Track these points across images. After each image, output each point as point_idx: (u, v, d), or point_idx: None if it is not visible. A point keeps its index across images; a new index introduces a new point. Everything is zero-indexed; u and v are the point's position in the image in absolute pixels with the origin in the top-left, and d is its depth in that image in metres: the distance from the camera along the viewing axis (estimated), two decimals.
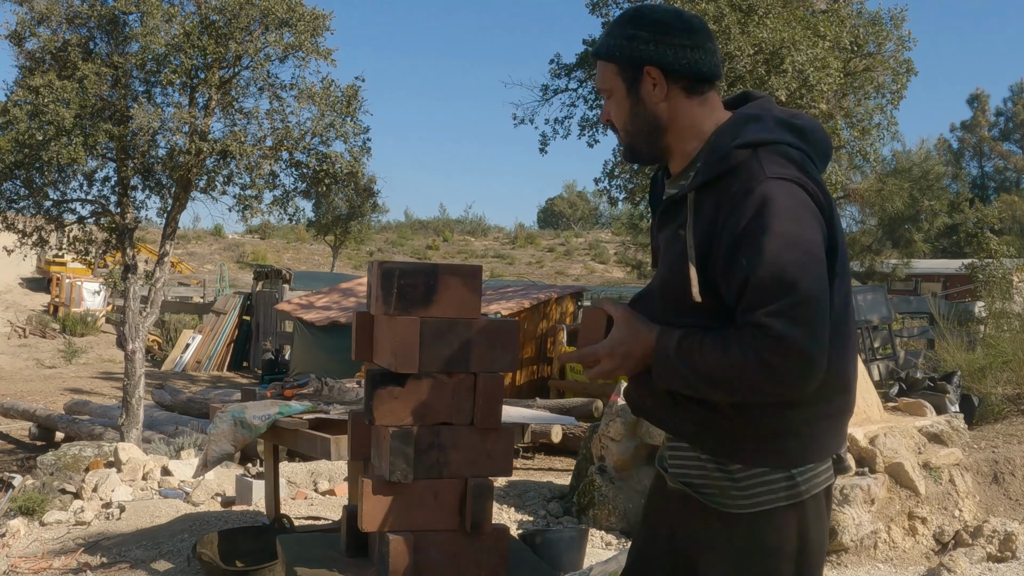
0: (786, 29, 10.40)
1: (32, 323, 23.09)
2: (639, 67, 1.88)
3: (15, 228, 10.30)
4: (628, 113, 1.92)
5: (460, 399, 2.17)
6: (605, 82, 1.95)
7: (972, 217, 29.63)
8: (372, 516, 2.15)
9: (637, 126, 1.93)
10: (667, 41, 1.87)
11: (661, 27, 1.88)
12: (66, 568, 4.70)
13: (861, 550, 4.87)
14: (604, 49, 1.93)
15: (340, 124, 10.13)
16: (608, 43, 1.92)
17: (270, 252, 39.33)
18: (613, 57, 1.91)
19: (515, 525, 5.70)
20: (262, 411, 4.17)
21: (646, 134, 1.93)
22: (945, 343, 10.09)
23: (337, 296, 15.00)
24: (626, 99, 1.92)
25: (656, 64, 1.87)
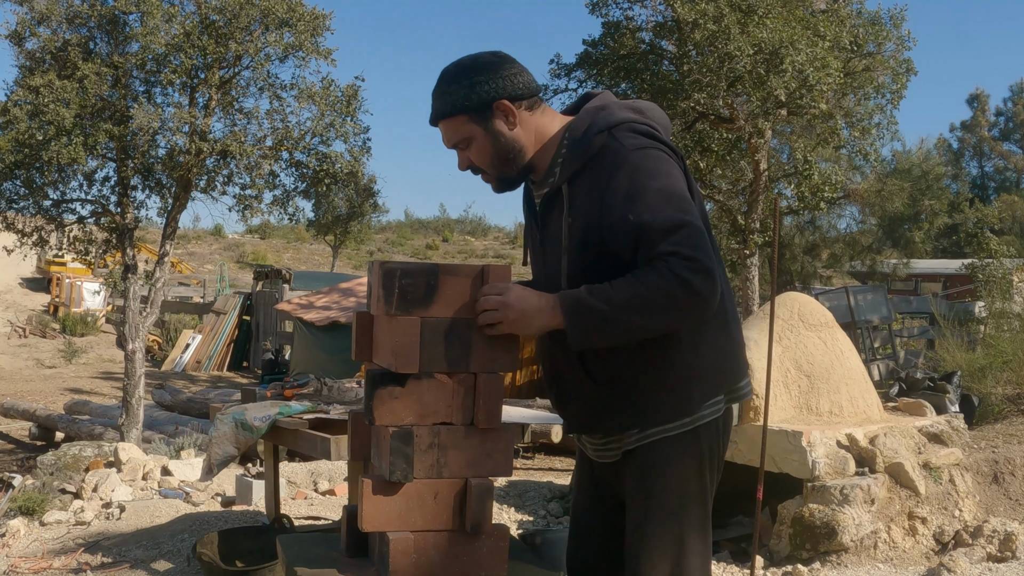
0: (786, 29, 10.39)
1: (32, 323, 23.09)
2: (490, 105, 2.09)
3: (15, 228, 10.30)
4: (492, 150, 2.13)
5: (460, 399, 2.17)
6: (458, 134, 2.14)
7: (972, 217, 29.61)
8: (372, 516, 2.15)
9: (503, 157, 2.14)
10: (501, 75, 2.11)
11: (490, 67, 2.11)
12: (66, 568, 4.71)
13: (861, 550, 4.87)
14: (449, 106, 2.11)
15: (340, 124, 10.13)
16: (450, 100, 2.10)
17: (270, 252, 39.33)
18: (464, 108, 2.10)
19: (515, 525, 5.70)
20: (262, 412, 4.17)
21: (512, 161, 2.14)
22: (945, 343, 10.09)
23: (337, 296, 15.00)
24: (486, 138, 2.12)
25: (504, 96, 2.10)
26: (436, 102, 2.15)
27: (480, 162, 2.16)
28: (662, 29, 11.89)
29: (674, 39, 11.62)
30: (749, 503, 4.59)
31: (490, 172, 2.17)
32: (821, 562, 4.81)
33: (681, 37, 11.20)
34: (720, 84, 10.74)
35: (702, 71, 10.79)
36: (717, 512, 2.24)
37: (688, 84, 10.99)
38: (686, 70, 11.16)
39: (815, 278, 23.64)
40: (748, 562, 4.74)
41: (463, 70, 2.12)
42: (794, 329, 5.67)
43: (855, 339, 11.72)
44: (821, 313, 5.87)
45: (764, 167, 12.15)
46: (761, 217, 12.33)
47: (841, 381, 5.59)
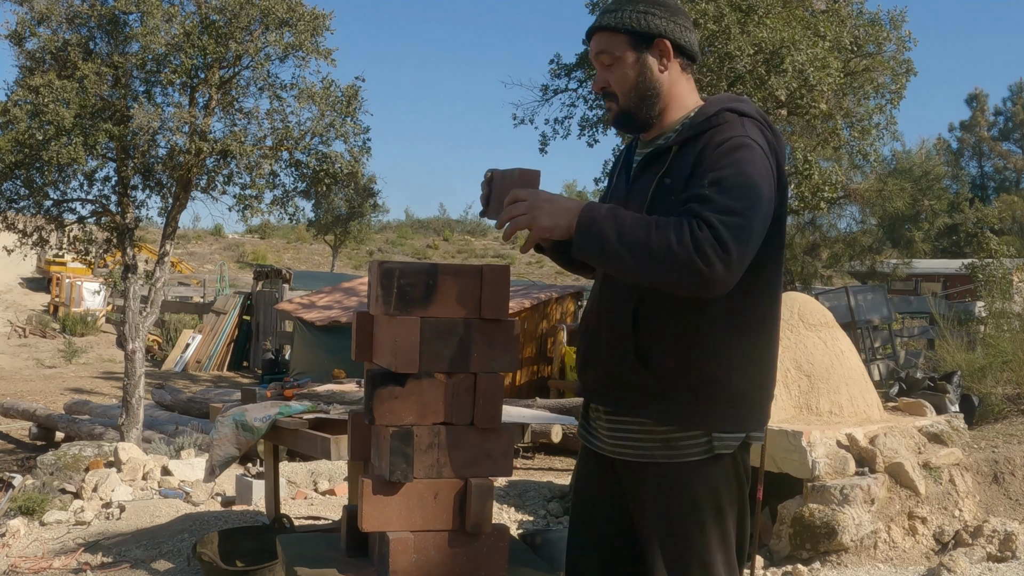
0: (786, 29, 10.39)
1: (32, 323, 23.08)
2: (652, 38, 2.12)
3: (15, 228, 10.29)
4: (634, 79, 2.14)
5: (460, 399, 2.17)
6: (611, 50, 2.14)
7: (972, 217, 29.62)
8: (372, 516, 2.15)
9: (640, 92, 2.14)
10: (676, 20, 2.14)
11: (671, 8, 2.15)
12: (66, 568, 4.70)
13: (861, 550, 4.86)
14: (615, 21, 2.13)
15: (340, 124, 10.13)
16: (619, 16, 2.13)
17: (270, 252, 39.32)
18: (628, 27, 2.12)
19: (515, 525, 5.70)
20: (262, 412, 4.18)
21: (646, 100, 2.14)
22: (945, 343, 10.08)
23: (339, 295, 15.00)
24: (634, 66, 2.13)
25: (668, 37, 2.12)
26: (604, 15, 2.16)
27: (617, 86, 2.16)
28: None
29: None
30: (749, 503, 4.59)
31: (620, 101, 2.16)
32: (821, 562, 4.81)
33: None
34: (720, 84, 10.74)
35: (702, 71, 10.79)
36: None
37: None
38: None
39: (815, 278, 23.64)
40: (748, 562, 4.74)
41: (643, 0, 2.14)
42: (794, 329, 5.67)
43: (855, 339, 11.72)
44: (821, 313, 5.87)
45: None
46: None
47: (841, 381, 5.59)
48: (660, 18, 2.12)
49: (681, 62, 2.16)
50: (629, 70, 2.13)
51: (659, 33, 2.11)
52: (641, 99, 2.14)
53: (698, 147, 2.03)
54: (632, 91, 2.14)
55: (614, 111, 2.18)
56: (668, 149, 2.09)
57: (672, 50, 2.13)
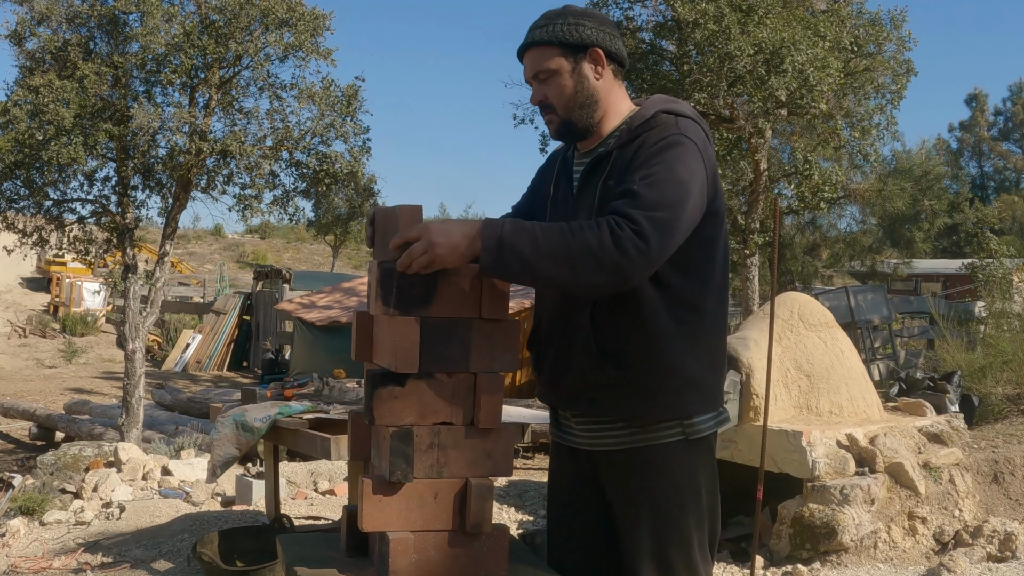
0: (786, 29, 10.39)
1: (32, 323, 23.09)
2: (585, 48, 2.17)
3: (15, 228, 10.30)
4: (572, 90, 2.19)
5: (460, 399, 2.17)
6: (544, 65, 2.18)
7: (972, 217, 29.63)
8: (372, 516, 2.15)
9: (578, 101, 2.19)
10: (604, 29, 2.20)
11: (598, 19, 2.22)
12: (66, 568, 4.70)
13: (861, 550, 4.86)
14: (547, 35, 2.18)
15: (340, 124, 10.13)
16: (551, 30, 2.18)
17: (270, 252, 39.32)
18: (560, 40, 2.17)
19: (515, 525, 5.70)
20: (263, 413, 4.18)
21: (585, 108, 2.20)
22: (945, 343, 10.08)
23: (339, 295, 15.00)
24: (571, 76, 2.18)
25: (600, 46, 2.18)
26: (534, 31, 2.21)
27: (555, 99, 2.20)
28: (662, 29, 11.89)
29: (674, 39, 11.63)
30: (749, 503, 4.59)
31: (560, 112, 2.21)
32: (821, 562, 4.81)
33: (681, 37, 11.20)
34: (720, 84, 10.74)
35: (702, 71, 10.79)
36: None
37: (688, 84, 10.99)
38: (686, 70, 11.16)
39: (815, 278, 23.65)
40: (748, 562, 4.74)
41: (571, 11, 2.21)
42: (794, 329, 5.67)
43: (855, 339, 11.72)
44: (821, 313, 5.87)
45: (764, 167, 12.15)
46: (761, 217, 12.34)
47: (841, 381, 5.59)
48: (590, 28, 2.18)
49: (614, 68, 2.22)
50: (566, 81, 2.18)
51: (592, 43, 2.17)
52: (580, 108, 2.19)
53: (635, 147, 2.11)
54: (571, 101, 2.19)
55: (555, 123, 2.22)
56: (608, 154, 2.17)
57: (605, 58, 2.18)
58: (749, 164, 12.54)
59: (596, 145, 2.24)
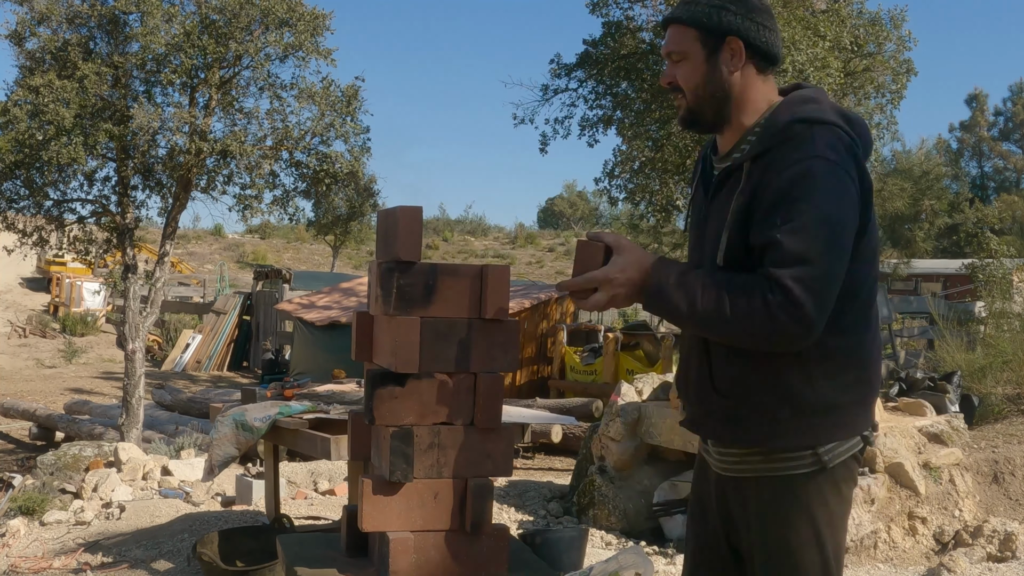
0: (786, 29, 10.39)
1: (32, 323, 23.08)
2: (723, 35, 2.00)
3: (15, 228, 10.30)
4: (703, 78, 2.03)
5: (460, 399, 2.17)
6: (680, 45, 2.04)
7: (972, 217, 29.63)
8: (372, 516, 2.15)
9: (708, 91, 2.03)
10: (752, 18, 2.01)
11: (748, 5, 2.02)
12: (66, 568, 4.70)
13: (861, 550, 4.86)
14: (687, 14, 2.03)
15: (340, 124, 10.13)
16: (692, 9, 2.03)
17: (270, 252, 39.31)
18: (698, 22, 2.01)
19: (515, 525, 5.70)
20: (262, 413, 4.18)
21: (715, 101, 2.03)
22: (945, 343, 10.08)
23: (338, 296, 15.00)
24: (703, 64, 2.02)
25: (740, 36, 2.00)
26: (678, 7, 2.07)
27: (684, 84, 2.05)
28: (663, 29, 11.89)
29: None
30: None
31: (687, 99, 2.06)
32: None
33: None
34: None
35: None
36: None
37: None
38: None
39: None
40: None
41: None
42: None
43: None
44: None
45: None
46: None
47: None
48: (735, 14, 2.00)
49: (757, 63, 2.03)
50: (697, 68, 2.03)
51: (731, 31, 2.00)
52: (709, 99, 2.04)
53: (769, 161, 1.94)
54: (699, 90, 2.04)
55: (682, 108, 2.09)
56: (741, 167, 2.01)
57: (744, 50, 2.01)
58: None
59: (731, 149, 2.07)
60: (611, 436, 6.00)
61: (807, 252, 1.82)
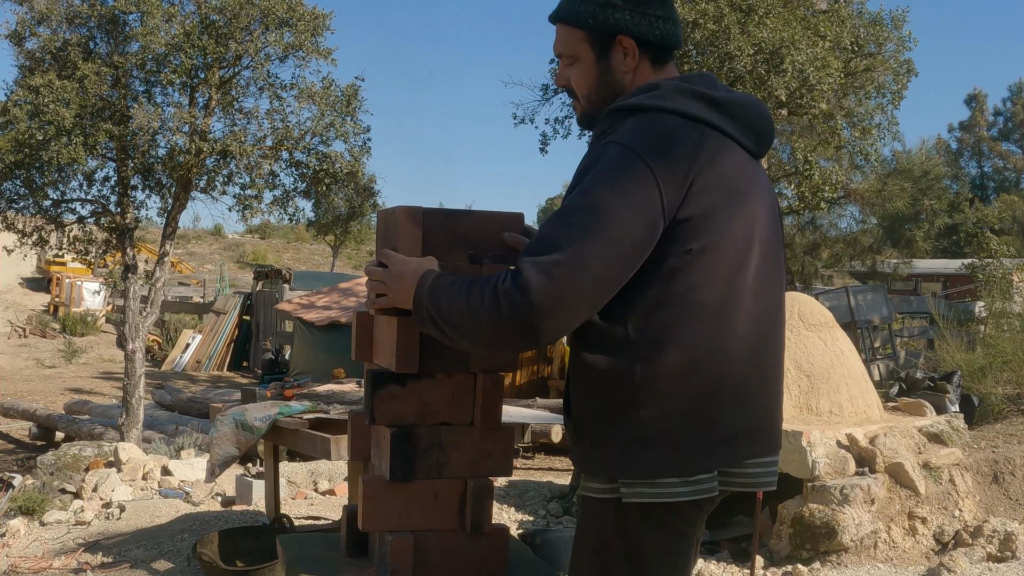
0: (786, 29, 10.40)
1: (32, 323, 23.09)
2: (612, 36, 1.83)
3: (15, 228, 10.30)
4: (595, 81, 1.87)
5: (460, 399, 2.17)
6: (568, 47, 1.87)
7: (972, 217, 29.63)
8: (372, 516, 2.15)
9: (601, 95, 1.87)
10: (642, 10, 1.82)
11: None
12: (66, 568, 4.70)
13: (861, 550, 4.86)
14: (571, 14, 1.85)
15: (340, 124, 10.14)
16: (576, 8, 1.84)
17: (270, 252, 39.32)
18: (583, 23, 1.83)
19: (515, 525, 5.70)
20: (262, 412, 4.18)
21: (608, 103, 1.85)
22: (945, 343, 10.08)
23: (337, 296, 14.99)
24: (594, 67, 1.86)
25: (630, 34, 1.82)
26: (564, 2, 1.89)
27: (577, 87, 1.89)
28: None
29: None
30: (749, 503, 4.60)
31: (581, 102, 1.91)
32: (821, 562, 4.81)
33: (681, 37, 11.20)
34: None
35: (702, 71, 10.79)
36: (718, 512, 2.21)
37: None
38: (686, 70, 11.16)
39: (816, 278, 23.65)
40: (748, 562, 4.74)
41: None
42: (794, 329, 5.67)
43: (855, 339, 11.72)
44: (821, 313, 5.87)
45: (764, 167, 12.14)
46: None
47: (841, 381, 5.59)
48: (622, 10, 1.81)
49: (652, 56, 1.85)
50: (588, 71, 1.87)
51: (620, 30, 1.81)
52: (602, 101, 1.87)
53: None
54: (592, 94, 1.88)
55: (577, 110, 1.93)
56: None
57: (637, 47, 1.83)
58: None
59: None
60: None
61: (556, 237, 1.64)
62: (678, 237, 1.68)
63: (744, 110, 1.81)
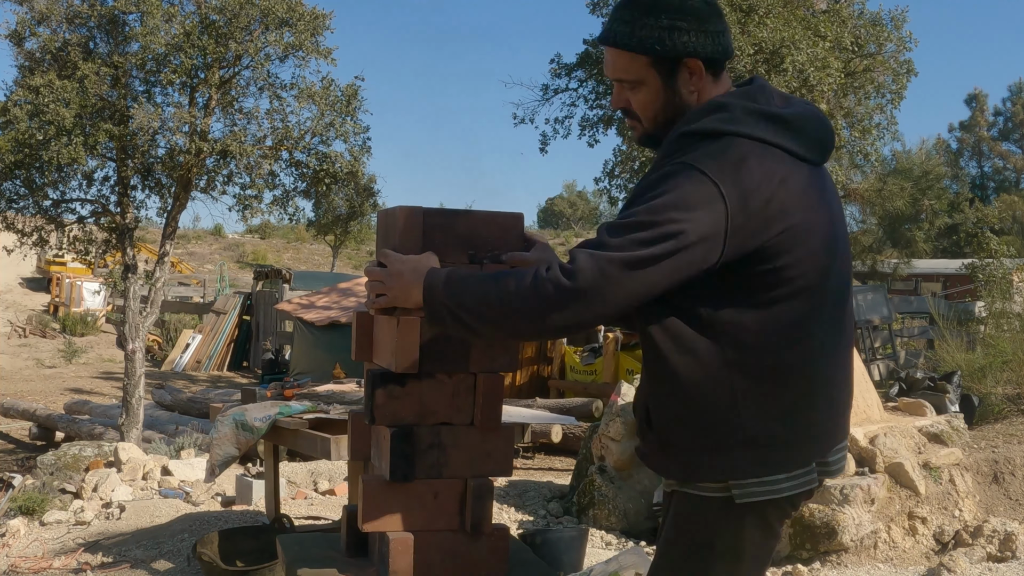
0: (786, 29, 10.40)
1: (32, 323, 23.09)
2: (681, 59, 1.81)
3: (15, 228, 10.30)
4: (661, 103, 1.86)
5: (460, 399, 2.17)
6: (631, 73, 1.85)
7: (972, 217, 29.62)
8: (372, 516, 2.14)
9: (667, 116, 1.86)
10: (706, 29, 1.80)
11: (697, 15, 1.80)
12: (66, 568, 4.70)
13: (861, 550, 4.86)
14: (634, 40, 1.81)
15: (340, 123, 10.14)
16: (638, 34, 1.81)
17: (270, 252, 39.31)
18: (651, 50, 1.80)
19: (515, 525, 5.70)
20: (263, 412, 4.18)
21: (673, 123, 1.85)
22: (945, 343, 10.08)
23: (338, 296, 14.99)
24: (661, 91, 1.84)
25: (698, 56, 1.80)
26: (619, 25, 1.83)
27: (640, 110, 1.87)
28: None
29: None
30: None
31: (645, 124, 1.90)
32: (821, 562, 4.81)
33: None
34: None
35: None
36: None
37: None
38: None
39: None
40: None
41: (665, 7, 1.79)
42: None
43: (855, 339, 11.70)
44: None
45: None
46: None
47: None
48: (687, 32, 1.78)
49: (713, 70, 1.84)
50: (654, 95, 1.85)
51: (688, 53, 1.80)
52: (667, 123, 1.86)
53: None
54: (658, 116, 1.87)
55: (638, 131, 1.93)
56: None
57: (703, 68, 1.82)
58: None
59: None
60: (611, 436, 6.00)
61: (616, 239, 1.68)
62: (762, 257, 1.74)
63: (810, 123, 1.85)
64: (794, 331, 1.79)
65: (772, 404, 1.79)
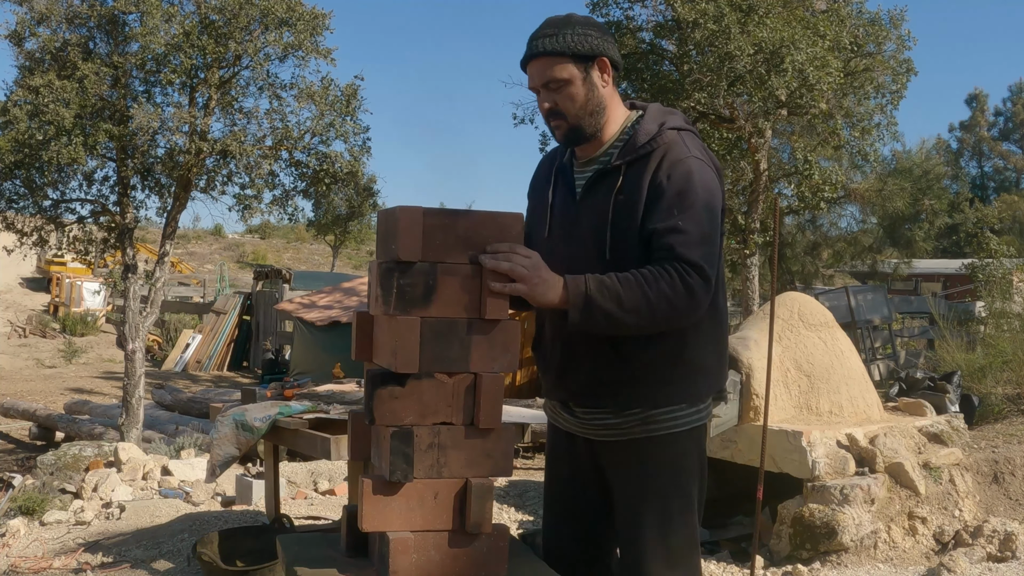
0: (786, 29, 10.39)
1: (32, 323, 23.09)
2: (594, 58, 2.28)
3: (15, 228, 10.31)
4: (583, 98, 2.29)
5: (460, 399, 2.17)
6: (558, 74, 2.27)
7: (972, 217, 29.64)
8: (372, 516, 2.14)
9: (588, 109, 2.31)
10: (607, 38, 2.32)
11: (599, 27, 2.33)
12: (66, 568, 4.70)
13: (861, 550, 4.86)
14: (559, 46, 2.27)
15: (340, 123, 10.14)
16: (561, 42, 2.27)
17: (270, 252, 39.32)
18: (572, 51, 2.26)
19: (515, 525, 5.70)
20: (263, 412, 4.18)
21: (594, 116, 2.31)
22: (945, 343, 10.08)
23: (339, 295, 15.00)
24: (583, 86, 2.29)
25: (607, 55, 2.30)
26: (543, 40, 2.28)
27: (566, 107, 2.30)
28: (662, 29, 11.89)
29: (674, 39, 11.63)
30: (749, 503, 4.59)
31: (570, 119, 2.31)
32: (821, 562, 4.81)
33: (681, 37, 11.20)
34: (720, 84, 10.74)
35: (702, 71, 10.79)
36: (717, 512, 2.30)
37: (688, 84, 10.99)
38: (686, 70, 11.16)
39: (816, 278, 23.66)
40: (748, 562, 4.74)
41: (575, 20, 2.30)
42: (794, 329, 5.67)
43: (855, 339, 11.72)
44: (821, 313, 5.86)
45: (764, 167, 12.15)
46: (761, 217, 12.34)
47: (841, 381, 5.59)
48: (596, 38, 2.28)
49: (613, 76, 2.33)
50: (578, 90, 2.28)
51: (600, 52, 2.28)
52: (590, 115, 2.31)
53: (651, 167, 2.25)
54: (582, 109, 2.30)
55: (563, 128, 2.32)
56: (618, 167, 2.29)
57: (610, 65, 2.30)
58: (749, 164, 12.54)
59: (598, 154, 2.35)
60: None
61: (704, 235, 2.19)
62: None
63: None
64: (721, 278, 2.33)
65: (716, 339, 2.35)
